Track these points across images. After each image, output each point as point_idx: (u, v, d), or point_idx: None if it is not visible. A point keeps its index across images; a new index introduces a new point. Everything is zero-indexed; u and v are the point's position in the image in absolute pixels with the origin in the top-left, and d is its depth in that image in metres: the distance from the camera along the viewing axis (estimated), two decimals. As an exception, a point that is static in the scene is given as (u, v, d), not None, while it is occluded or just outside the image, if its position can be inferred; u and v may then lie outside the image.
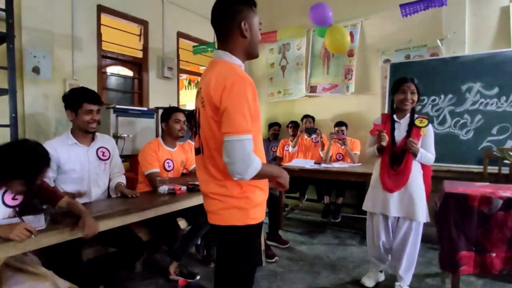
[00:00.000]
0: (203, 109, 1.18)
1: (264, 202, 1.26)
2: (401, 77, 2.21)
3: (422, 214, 2.10)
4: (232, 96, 1.07)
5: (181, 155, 2.66)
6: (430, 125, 2.14)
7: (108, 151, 2.17)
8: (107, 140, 2.23)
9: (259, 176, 1.12)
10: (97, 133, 2.14)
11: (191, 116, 2.89)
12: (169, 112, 2.55)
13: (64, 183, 1.99)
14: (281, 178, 1.25)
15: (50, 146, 1.90)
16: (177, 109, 2.65)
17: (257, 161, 1.11)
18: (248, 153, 1.08)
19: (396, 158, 2.15)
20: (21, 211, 1.52)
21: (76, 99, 1.99)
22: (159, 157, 2.45)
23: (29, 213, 1.52)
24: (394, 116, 2.22)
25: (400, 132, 2.17)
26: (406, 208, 2.11)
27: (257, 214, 1.22)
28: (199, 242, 2.73)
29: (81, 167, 2.02)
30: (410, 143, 2.06)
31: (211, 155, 1.19)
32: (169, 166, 2.51)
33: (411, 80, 2.16)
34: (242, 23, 1.17)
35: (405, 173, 2.11)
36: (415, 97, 2.15)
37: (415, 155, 2.09)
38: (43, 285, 1.30)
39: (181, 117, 2.56)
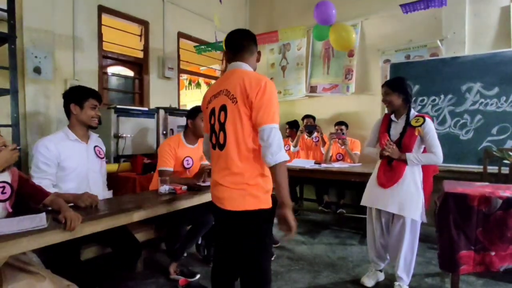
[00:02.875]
0: (233, 105, 1.40)
1: (271, 190, 1.42)
2: None
3: (414, 212, 2.09)
4: (267, 94, 1.35)
5: (201, 151, 2.65)
6: (428, 123, 2.10)
7: (102, 150, 2.16)
8: (99, 140, 2.21)
9: (283, 166, 1.32)
10: (90, 131, 2.10)
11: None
12: (197, 111, 2.48)
13: (63, 181, 1.90)
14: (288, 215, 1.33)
15: (50, 142, 1.87)
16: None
17: (285, 152, 1.34)
18: (281, 139, 1.34)
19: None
20: (15, 210, 1.52)
21: (81, 94, 1.99)
22: (177, 155, 2.43)
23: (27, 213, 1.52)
24: (392, 116, 2.28)
25: (396, 131, 2.22)
26: (397, 204, 2.12)
27: (268, 200, 1.41)
28: (199, 242, 2.74)
29: (81, 164, 1.96)
30: (387, 145, 2.16)
31: (237, 145, 1.39)
32: (188, 164, 2.48)
33: (385, 83, 2.28)
34: (258, 51, 1.58)
35: (397, 170, 2.14)
36: (391, 97, 2.20)
37: (405, 162, 2.11)
38: (41, 284, 1.31)
39: None
